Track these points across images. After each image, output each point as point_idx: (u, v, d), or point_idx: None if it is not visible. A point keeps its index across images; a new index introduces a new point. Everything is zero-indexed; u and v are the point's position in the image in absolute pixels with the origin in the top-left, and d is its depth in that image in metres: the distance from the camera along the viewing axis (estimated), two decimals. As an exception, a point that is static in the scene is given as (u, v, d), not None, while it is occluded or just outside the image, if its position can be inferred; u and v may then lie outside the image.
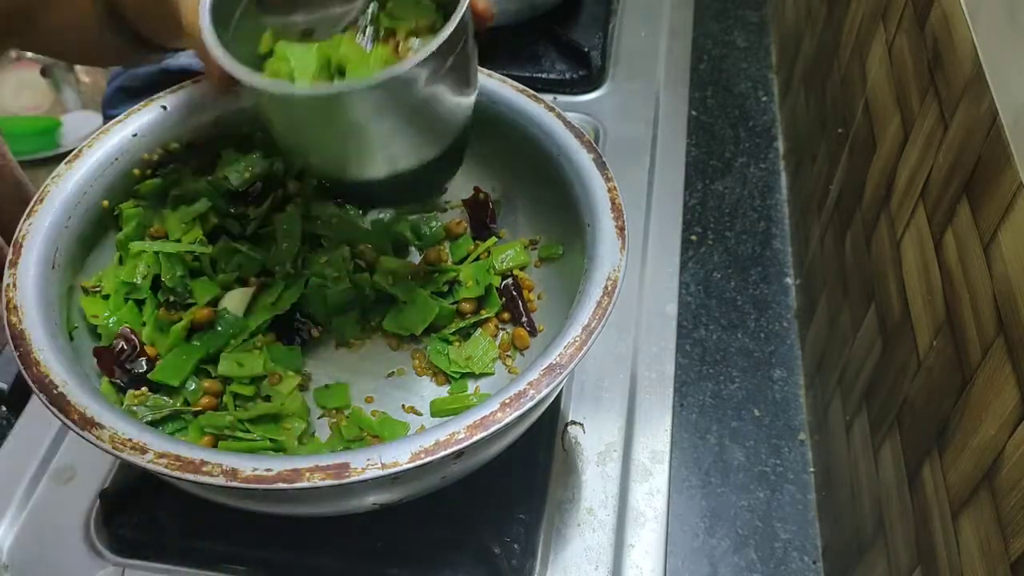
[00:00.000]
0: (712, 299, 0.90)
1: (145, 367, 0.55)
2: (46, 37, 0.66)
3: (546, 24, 0.98)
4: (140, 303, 0.59)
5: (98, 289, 0.58)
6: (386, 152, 0.53)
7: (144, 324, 0.58)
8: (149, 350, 0.56)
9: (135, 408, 0.54)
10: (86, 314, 0.56)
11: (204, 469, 0.43)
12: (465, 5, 0.49)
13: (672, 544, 0.72)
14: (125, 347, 0.55)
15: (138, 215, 0.60)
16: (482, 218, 0.67)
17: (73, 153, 0.57)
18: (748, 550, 0.73)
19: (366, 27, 0.55)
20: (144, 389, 0.55)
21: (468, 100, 0.56)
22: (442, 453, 0.43)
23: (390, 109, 0.50)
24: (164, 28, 0.60)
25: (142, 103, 0.60)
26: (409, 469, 0.43)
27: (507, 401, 0.45)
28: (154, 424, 0.53)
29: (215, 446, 0.54)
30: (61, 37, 0.66)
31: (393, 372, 0.63)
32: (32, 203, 0.54)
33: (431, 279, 0.63)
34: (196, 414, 0.55)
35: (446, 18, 0.50)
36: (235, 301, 0.59)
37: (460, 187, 0.69)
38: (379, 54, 0.53)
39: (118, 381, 0.55)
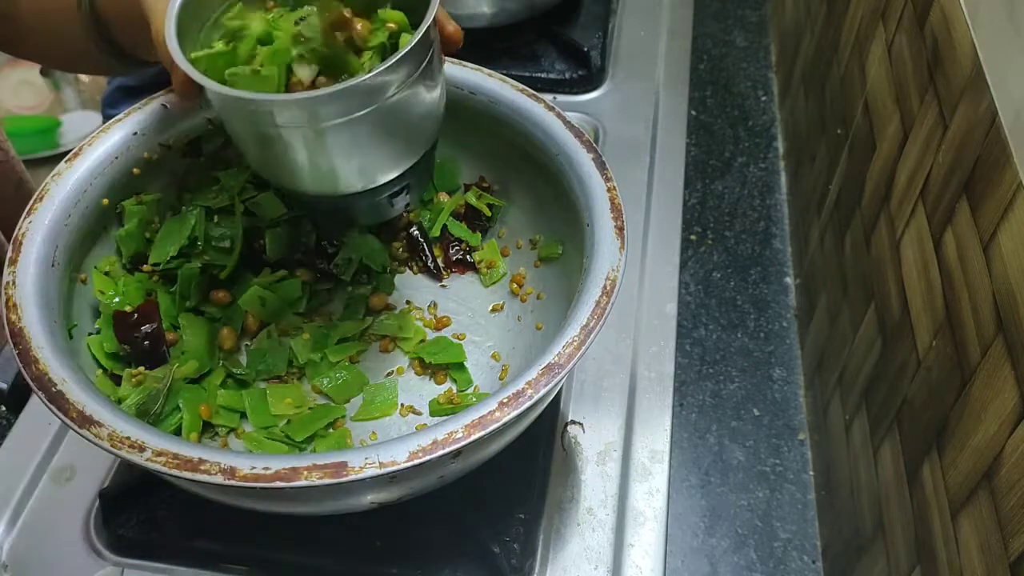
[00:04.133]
0: (712, 299, 0.90)
1: (155, 343, 0.57)
2: (32, 43, 0.66)
3: (546, 24, 0.98)
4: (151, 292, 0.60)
5: (108, 273, 0.58)
6: (348, 168, 0.53)
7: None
8: (169, 336, 0.58)
9: (128, 391, 0.55)
10: (94, 288, 0.57)
11: (202, 467, 0.43)
12: (431, 19, 0.49)
13: (672, 543, 0.72)
14: (143, 322, 0.57)
15: (140, 212, 0.60)
16: (475, 221, 0.68)
17: (73, 151, 0.57)
18: (748, 550, 0.73)
19: None
20: (142, 368, 0.55)
21: (432, 121, 0.55)
22: (440, 452, 0.43)
23: (351, 121, 0.49)
24: (144, 42, 0.60)
25: (142, 101, 0.61)
26: (407, 468, 0.43)
27: (505, 400, 0.45)
28: (146, 411, 0.54)
29: (210, 418, 0.56)
30: (47, 45, 0.66)
31: (392, 372, 0.63)
32: (32, 201, 0.54)
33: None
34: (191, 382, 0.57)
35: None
36: None
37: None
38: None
39: (125, 350, 0.56)
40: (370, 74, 0.47)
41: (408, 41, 0.49)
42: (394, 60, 0.48)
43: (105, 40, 0.63)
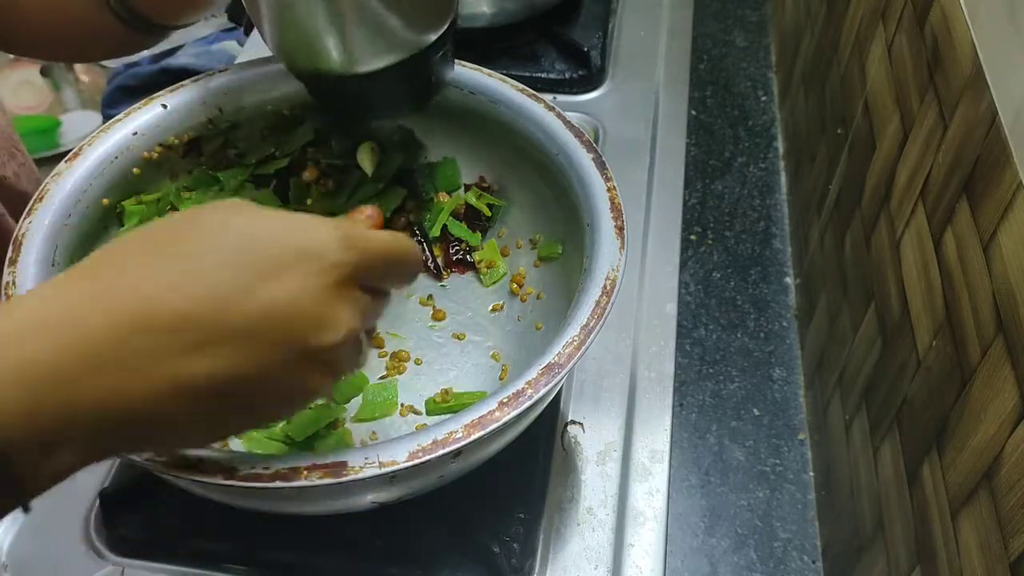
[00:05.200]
0: (712, 299, 0.90)
1: None
2: (37, 37, 0.65)
3: (546, 24, 0.98)
4: None
5: None
6: (372, 36, 0.53)
7: None
8: None
9: None
10: None
11: (202, 467, 0.42)
12: None
13: (672, 543, 0.72)
14: None
15: (140, 212, 0.60)
16: (475, 221, 0.68)
17: (73, 151, 0.57)
18: (748, 550, 0.73)
19: None
20: None
21: (434, 20, 0.55)
22: (440, 452, 0.43)
23: None
24: (168, 3, 0.60)
25: (142, 101, 0.61)
26: (407, 468, 0.43)
27: (505, 400, 0.45)
28: None
29: None
30: (55, 36, 0.65)
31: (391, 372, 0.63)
32: (32, 201, 0.54)
33: None
34: None
35: None
36: None
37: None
38: None
39: None
40: None
41: None
42: None
43: (129, 13, 0.62)
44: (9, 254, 0.52)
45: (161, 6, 0.61)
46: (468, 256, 0.67)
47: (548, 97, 0.63)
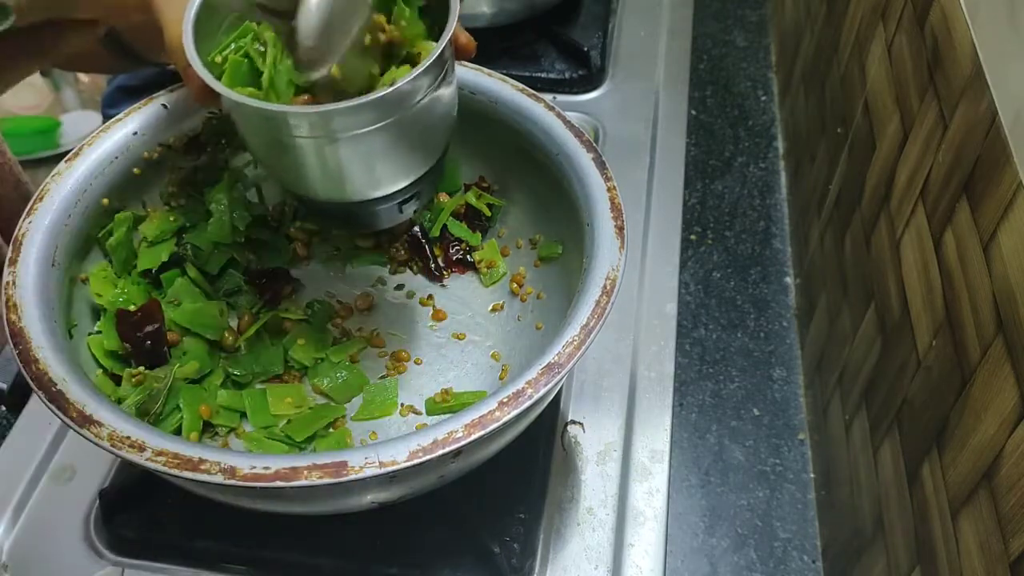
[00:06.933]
0: (712, 298, 0.90)
1: (156, 343, 0.57)
2: (59, 57, 0.67)
3: (546, 24, 0.99)
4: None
5: (106, 275, 0.59)
6: (361, 177, 0.53)
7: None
8: (171, 336, 0.58)
9: (128, 391, 0.55)
10: (91, 290, 0.57)
11: (202, 467, 0.43)
12: (450, 33, 0.49)
13: (672, 543, 0.72)
14: (146, 321, 0.57)
15: (127, 221, 0.60)
16: (475, 221, 0.68)
17: (73, 151, 0.57)
18: (748, 549, 0.73)
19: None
20: (142, 368, 0.55)
21: (445, 129, 0.56)
22: (440, 452, 0.43)
23: (367, 132, 0.49)
24: (157, 47, 0.61)
25: (142, 101, 0.61)
26: (407, 468, 0.43)
27: (505, 400, 0.45)
28: (147, 411, 0.54)
29: (210, 418, 0.56)
30: (69, 56, 0.67)
31: (391, 371, 0.63)
32: (32, 201, 0.54)
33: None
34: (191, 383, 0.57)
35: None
36: None
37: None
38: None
39: (125, 349, 0.56)
40: (390, 88, 0.47)
41: (428, 54, 0.49)
42: (414, 74, 0.48)
43: (122, 50, 0.63)
44: (9, 254, 0.52)
45: (156, 48, 0.63)
46: (468, 256, 0.67)
47: (548, 97, 0.63)
